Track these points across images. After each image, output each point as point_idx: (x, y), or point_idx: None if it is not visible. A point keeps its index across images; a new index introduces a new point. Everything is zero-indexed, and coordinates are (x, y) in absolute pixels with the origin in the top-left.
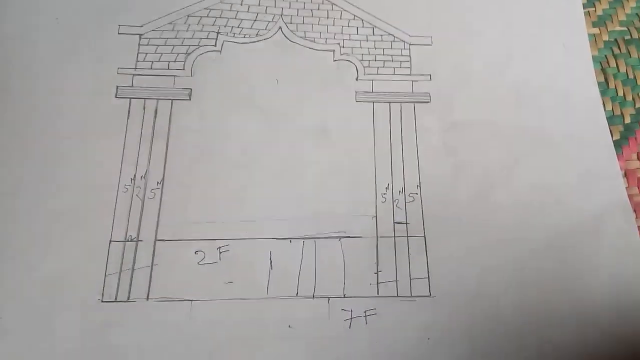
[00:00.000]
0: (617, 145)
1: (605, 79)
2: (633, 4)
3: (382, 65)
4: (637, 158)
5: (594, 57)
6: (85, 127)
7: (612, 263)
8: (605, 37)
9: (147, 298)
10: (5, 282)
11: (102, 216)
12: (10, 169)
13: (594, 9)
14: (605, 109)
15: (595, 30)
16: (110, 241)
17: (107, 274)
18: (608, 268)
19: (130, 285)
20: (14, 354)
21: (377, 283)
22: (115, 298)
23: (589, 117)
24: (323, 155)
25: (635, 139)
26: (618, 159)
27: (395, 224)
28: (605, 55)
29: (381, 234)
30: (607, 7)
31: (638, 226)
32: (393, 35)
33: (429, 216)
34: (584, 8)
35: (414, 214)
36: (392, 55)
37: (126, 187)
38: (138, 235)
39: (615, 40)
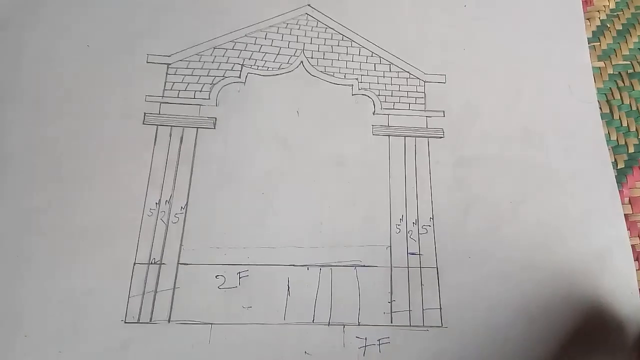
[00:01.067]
0: (622, 173)
1: (610, 110)
2: (636, 39)
3: (398, 101)
4: None
5: (599, 90)
6: (113, 151)
7: (611, 301)
8: (610, 71)
9: (169, 320)
10: (30, 300)
11: (127, 238)
12: (41, 187)
13: (599, 43)
14: (609, 139)
15: (600, 64)
16: (135, 263)
17: (130, 295)
18: (608, 306)
19: (153, 307)
20: None
21: (391, 312)
22: (138, 319)
23: (594, 156)
24: (340, 186)
25: (639, 167)
26: (622, 187)
27: (409, 255)
28: (610, 88)
29: (395, 264)
30: (612, 41)
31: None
32: (409, 72)
33: (441, 248)
34: (589, 42)
35: (427, 246)
36: (407, 92)
37: (151, 210)
38: (161, 258)
39: (619, 73)
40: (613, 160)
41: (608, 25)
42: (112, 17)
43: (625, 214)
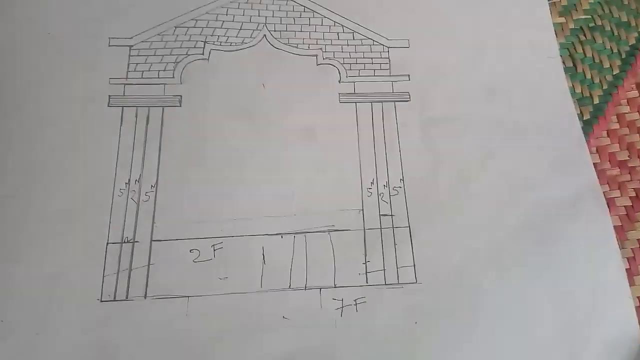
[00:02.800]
0: (588, 124)
1: (574, 64)
2: None
3: (363, 68)
4: (607, 135)
5: (561, 44)
6: (80, 134)
7: (585, 245)
8: (571, 25)
9: (145, 296)
10: (5, 285)
11: (99, 219)
12: (9, 173)
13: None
14: (574, 92)
15: (562, 19)
16: (108, 243)
17: (105, 274)
18: (582, 249)
19: (128, 284)
20: (15, 355)
21: (366, 273)
22: (114, 297)
23: (560, 109)
24: (310, 155)
25: (605, 117)
26: (589, 137)
27: (381, 216)
28: (572, 42)
29: (368, 226)
30: None
31: (609, 198)
32: (372, 39)
33: (412, 207)
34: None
35: (398, 206)
36: (372, 58)
37: (121, 191)
38: (134, 236)
39: (581, 27)
40: (579, 112)
41: None
42: (71, 3)
43: (593, 163)
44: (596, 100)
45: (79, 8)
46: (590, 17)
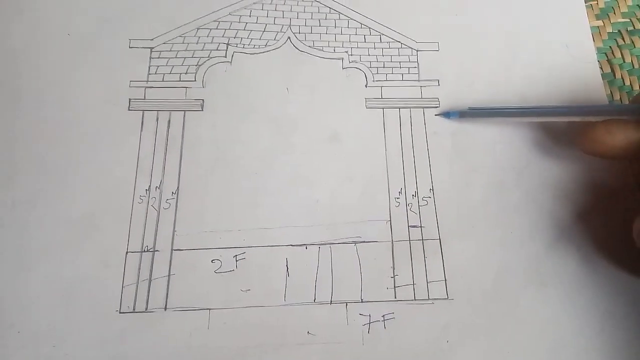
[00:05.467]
0: None
1: (612, 70)
2: None
3: (391, 72)
4: None
5: (598, 49)
6: (98, 139)
7: None
8: (609, 29)
9: (165, 308)
10: (21, 295)
11: (118, 227)
12: (27, 179)
13: (596, 2)
14: (612, 99)
15: (599, 23)
16: (127, 252)
17: (124, 285)
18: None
19: (148, 295)
20: None
21: (394, 287)
22: (134, 309)
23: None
24: (335, 162)
25: None
26: None
27: (410, 228)
28: (610, 47)
29: (396, 238)
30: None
31: None
32: (400, 42)
33: (443, 219)
34: (585, 2)
35: (428, 217)
36: (400, 62)
37: (141, 198)
38: (154, 245)
39: (619, 31)
40: None
41: None
42: (91, 3)
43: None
44: None
45: (99, 9)
46: (629, 20)
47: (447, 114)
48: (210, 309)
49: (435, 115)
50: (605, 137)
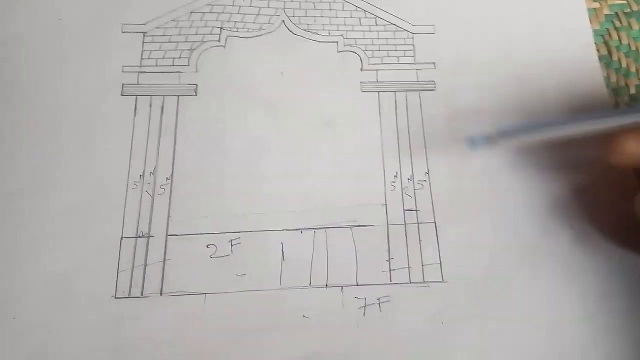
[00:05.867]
0: None
1: (609, 52)
2: None
3: (386, 55)
4: None
5: (595, 31)
6: (92, 125)
7: None
8: (606, 11)
9: (161, 293)
10: (17, 281)
11: (113, 213)
12: (19, 168)
13: None
14: (610, 81)
15: (596, 5)
16: (122, 238)
17: (119, 270)
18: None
19: (144, 280)
20: (29, 353)
21: (390, 270)
22: (129, 294)
23: (594, 99)
24: (330, 146)
25: None
26: None
27: (405, 212)
28: (607, 29)
29: (391, 221)
30: None
31: None
32: (396, 25)
33: (438, 202)
34: None
35: (423, 201)
36: (395, 45)
37: (135, 183)
38: (149, 230)
39: (616, 13)
40: (614, 102)
41: None
42: None
43: None
44: (632, 90)
45: None
46: (625, 2)
47: (471, 142)
48: (205, 294)
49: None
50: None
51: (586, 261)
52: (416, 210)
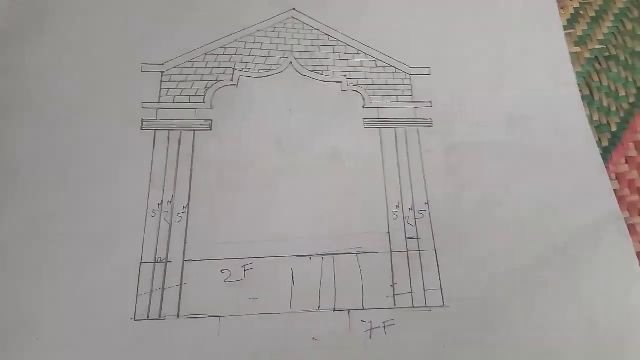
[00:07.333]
0: (607, 151)
1: (591, 92)
2: (609, 24)
3: (386, 94)
4: (626, 162)
5: (577, 73)
6: (114, 156)
7: (609, 270)
8: (587, 55)
9: (178, 316)
10: (41, 303)
11: (133, 239)
12: (45, 194)
13: (574, 30)
14: (592, 119)
15: (577, 49)
16: (141, 263)
17: (139, 293)
18: (606, 275)
19: (162, 304)
20: None
21: (394, 295)
22: (148, 316)
23: (578, 137)
24: (337, 178)
25: (623, 144)
26: (608, 164)
27: (407, 239)
28: (589, 71)
29: (395, 249)
30: (586, 27)
31: (629, 224)
32: (394, 67)
33: (438, 231)
34: (564, 30)
35: (424, 230)
36: (394, 85)
37: (154, 211)
38: (167, 256)
39: (596, 57)
40: (597, 140)
41: (581, 12)
42: (106, 28)
43: (614, 189)
44: (614, 128)
45: (114, 34)
46: (605, 47)
47: None
48: (220, 317)
49: None
50: None
51: (576, 287)
52: (417, 238)
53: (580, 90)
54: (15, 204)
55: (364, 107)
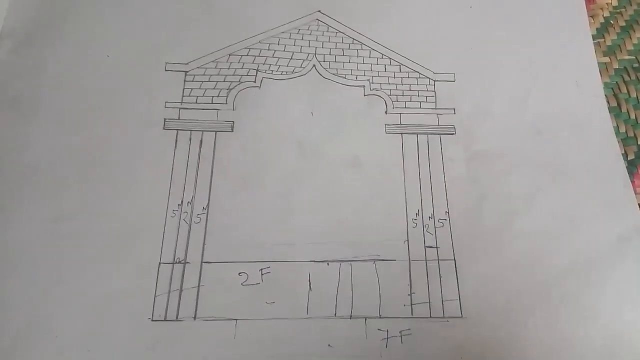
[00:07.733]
0: (633, 164)
1: (618, 104)
2: (639, 35)
3: (409, 100)
4: None
5: (605, 84)
6: (136, 156)
7: (633, 286)
8: (616, 65)
9: (195, 317)
10: (61, 302)
11: (152, 239)
12: (67, 194)
13: (603, 39)
14: (618, 131)
15: (606, 59)
16: (160, 263)
17: (156, 294)
18: (629, 290)
19: (179, 305)
20: None
21: (411, 304)
22: (165, 317)
23: (604, 149)
24: (357, 183)
25: None
26: (634, 177)
27: (426, 248)
28: (617, 82)
29: (413, 257)
30: (616, 37)
31: None
32: (418, 72)
33: (457, 241)
34: (593, 39)
35: (443, 239)
36: (418, 91)
37: (174, 212)
38: (185, 257)
39: (625, 67)
40: (623, 152)
41: (612, 22)
42: (130, 28)
43: (639, 204)
44: None
45: (138, 33)
46: (634, 57)
47: None
48: (237, 320)
49: None
50: None
51: (599, 303)
52: (437, 247)
53: (608, 102)
54: (36, 204)
55: (386, 113)
